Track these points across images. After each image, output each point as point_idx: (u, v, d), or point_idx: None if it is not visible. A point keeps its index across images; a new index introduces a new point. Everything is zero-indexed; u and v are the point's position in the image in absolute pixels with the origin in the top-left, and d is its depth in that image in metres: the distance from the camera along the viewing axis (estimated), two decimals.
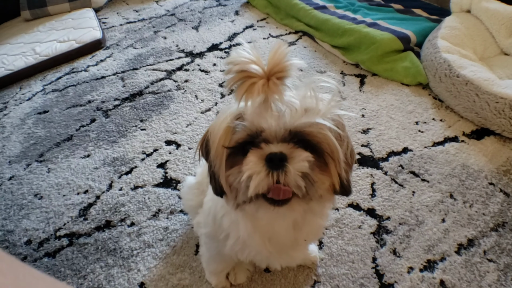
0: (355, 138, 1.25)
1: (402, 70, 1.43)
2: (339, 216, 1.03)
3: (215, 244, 0.74)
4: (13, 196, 1.24)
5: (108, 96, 1.60)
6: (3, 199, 1.24)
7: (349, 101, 1.39)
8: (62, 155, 1.36)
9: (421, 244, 0.96)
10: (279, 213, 0.53)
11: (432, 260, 0.93)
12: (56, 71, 1.84)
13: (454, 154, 1.16)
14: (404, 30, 1.52)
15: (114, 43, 1.95)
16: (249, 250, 0.66)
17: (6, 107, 1.67)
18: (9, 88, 1.80)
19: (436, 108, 1.32)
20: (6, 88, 1.80)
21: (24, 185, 1.27)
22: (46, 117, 1.55)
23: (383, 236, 0.98)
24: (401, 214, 1.03)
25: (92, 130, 1.44)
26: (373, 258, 0.95)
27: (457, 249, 0.95)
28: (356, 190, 1.09)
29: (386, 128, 1.26)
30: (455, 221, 1.00)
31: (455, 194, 1.06)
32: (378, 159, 1.17)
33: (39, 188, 1.25)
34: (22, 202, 1.22)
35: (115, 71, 1.74)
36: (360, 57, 1.50)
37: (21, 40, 2.09)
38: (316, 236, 0.77)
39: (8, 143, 1.46)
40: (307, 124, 0.49)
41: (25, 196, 1.24)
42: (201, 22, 2.02)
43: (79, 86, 1.69)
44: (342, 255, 0.95)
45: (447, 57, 1.33)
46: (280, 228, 0.62)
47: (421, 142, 1.21)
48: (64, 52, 1.89)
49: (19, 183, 1.28)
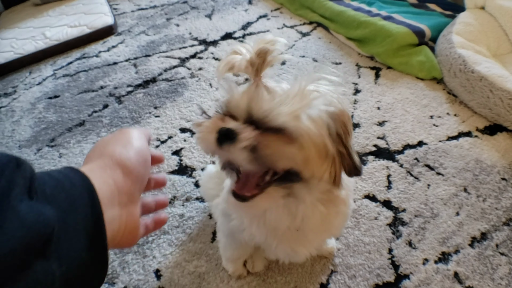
0: (371, 130, 1.25)
1: (417, 64, 1.42)
2: (356, 207, 1.04)
3: (228, 223, 0.73)
4: None
5: (121, 82, 1.59)
6: None
7: (364, 93, 1.39)
8: (74, 140, 1.36)
9: (436, 236, 0.97)
10: (247, 207, 0.53)
11: (446, 252, 0.94)
12: (66, 56, 1.83)
13: (468, 149, 1.17)
14: (419, 24, 1.52)
15: (125, 30, 1.93)
16: (250, 234, 0.66)
17: (16, 91, 1.66)
18: (18, 72, 1.78)
19: (450, 103, 1.32)
20: (15, 72, 1.79)
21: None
22: (57, 102, 1.55)
23: (399, 228, 0.99)
24: (416, 206, 1.03)
25: (105, 116, 1.44)
26: (389, 249, 0.95)
27: (470, 242, 0.96)
28: (372, 182, 1.10)
29: (401, 121, 1.27)
30: (468, 214, 1.01)
31: (469, 188, 1.07)
32: (394, 151, 1.18)
33: None
34: None
35: (127, 57, 1.73)
36: (375, 50, 1.49)
37: (30, 25, 2.06)
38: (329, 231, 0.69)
39: (18, 127, 1.45)
40: (272, 118, 0.48)
41: None
42: (214, 10, 2.00)
43: (90, 72, 1.68)
44: (359, 246, 0.96)
45: (462, 53, 1.32)
46: (271, 215, 0.61)
47: (435, 136, 1.21)
48: (75, 37, 1.88)
49: None
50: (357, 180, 1.11)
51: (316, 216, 0.60)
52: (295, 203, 0.57)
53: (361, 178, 1.11)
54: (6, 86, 1.70)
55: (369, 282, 0.89)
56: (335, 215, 0.63)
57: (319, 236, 0.69)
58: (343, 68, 1.49)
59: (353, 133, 0.55)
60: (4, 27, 2.11)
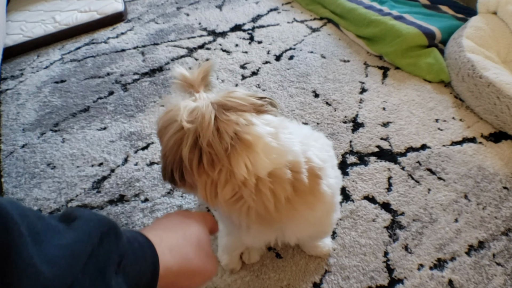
0: (375, 130, 1.23)
1: (425, 66, 1.39)
2: (354, 208, 1.02)
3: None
4: (25, 164, 1.23)
5: (128, 70, 1.58)
6: (15, 166, 1.23)
7: (371, 92, 1.36)
8: (78, 126, 1.35)
9: (432, 242, 0.96)
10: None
11: (442, 259, 0.93)
12: (75, 41, 1.81)
13: (471, 155, 1.14)
14: (430, 26, 1.48)
15: (135, 17, 1.91)
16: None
17: (23, 74, 1.65)
18: (26, 55, 1.77)
19: (456, 107, 1.30)
20: (23, 55, 1.78)
21: (37, 154, 1.26)
22: (63, 87, 1.54)
23: (396, 231, 0.98)
24: (415, 210, 1.02)
25: (110, 103, 1.43)
26: (385, 252, 0.94)
27: (467, 250, 0.94)
28: (372, 183, 1.08)
29: (406, 123, 1.24)
30: (467, 222, 0.99)
31: (469, 195, 1.05)
32: (396, 153, 1.16)
33: (52, 158, 1.24)
34: (34, 171, 1.20)
35: (135, 45, 1.71)
36: (384, 49, 1.46)
37: (40, 8, 2.05)
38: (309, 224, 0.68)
39: (22, 111, 1.45)
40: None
41: (37, 165, 1.23)
42: (225, 2, 1.97)
43: (98, 58, 1.67)
44: (355, 247, 0.95)
45: (471, 57, 1.29)
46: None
47: (439, 140, 1.19)
48: (85, 22, 1.86)
49: (32, 151, 1.27)
50: (357, 180, 1.09)
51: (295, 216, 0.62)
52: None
53: (361, 178, 1.09)
54: (13, 68, 1.69)
55: (362, 285, 0.88)
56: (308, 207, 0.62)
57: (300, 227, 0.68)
58: (351, 66, 1.47)
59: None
60: (15, 9, 2.09)
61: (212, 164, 0.56)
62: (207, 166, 0.56)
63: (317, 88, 1.39)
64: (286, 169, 0.57)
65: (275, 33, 1.68)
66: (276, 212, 0.59)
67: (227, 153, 0.55)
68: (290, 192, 0.58)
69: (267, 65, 1.52)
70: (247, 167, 0.55)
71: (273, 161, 0.56)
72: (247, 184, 0.56)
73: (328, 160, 0.68)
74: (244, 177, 0.55)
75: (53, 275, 0.29)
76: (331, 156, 0.74)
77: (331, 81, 1.41)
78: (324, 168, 0.63)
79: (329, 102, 1.34)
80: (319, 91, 1.38)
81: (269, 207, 0.58)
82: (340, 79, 1.42)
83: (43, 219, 0.32)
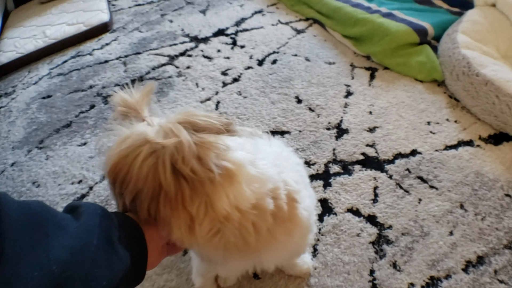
0: (360, 136, 1.13)
1: (416, 65, 1.29)
2: (337, 222, 0.94)
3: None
4: (13, 183, 1.20)
5: (109, 82, 1.52)
6: (5, 185, 1.20)
7: (357, 96, 1.26)
8: (61, 142, 1.30)
9: (424, 258, 0.86)
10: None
11: (435, 277, 0.83)
12: (62, 54, 1.77)
13: (468, 160, 1.04)
14: (421, 22, 1.38)
15: (120, 26, 1.86)
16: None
17: (15, 91, 1.62)
18: (19, 71, 1.75)
19: (451, 108, 1.19)
20: (16, 71, 1.75)
21: (24, 172, 1.23)
22: (49, 102, 1.49)
23: (383, 247, 0.88)
24: (404, 223, 0.92)
25: (91, 117, 1.37)
26: (371, 270, 0.85)
27: (464, 266, 0.84)
28: (357, 194, 0.99)
29: (394, 127, 1.14)
30: (464, 234, 0.89)
31: (466, 204, 0.95)
32: (383, 161, 1.06)
33: (37, 176, 1.20)
34: (21, 190, 1.17)
35: (118, 55, 1.66)
36: (372, 49, 1.36)
37: (34, 23, 2.02)
38: (284, 248, 0.62)
39: (13, 128, 1.42)
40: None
41: (24, 183, 1.19)
42: (209, 6, 1.90)
43: (82, 70, 1.62)
44: (338, 265, 0.86)
45: (467, 54, 1.19)
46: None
47: (432, 144, 1.09)
48: (72, 35, 1.82)
49: (20, 170, 1.24)
50: (340, 191, 1.00)
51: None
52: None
53: (344, 189, 1.01)
54: (7, 86, 1.67)
55: None
56: (286, 234, 0.57)
57: (278, 253, 0.62)
58: (336, 68, 1.37)
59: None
60: (12, 26, 2.08)
61: (191, 196, 0.48)
62: (188, 199, 0.47)
63: (300, 93, 1.30)
64: (268, 198, 0.51)
65: (259, 36, 1.59)
66: (256, 243, 0.53)
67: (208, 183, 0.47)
68: (270, 222, 0.53)
69: (249, 70, 1.43)
70: (229, 200, 0.48)
71: (255, 192, 0.50)
72: (230, 219, 0.49)
73: (301, 181, 0.63)
74: (226, 211, 0.48)
75: (79, 241, 0.39)
76: (302, 176, 0.68)
77: (315, 85, 1.32)
78: (300, 191, 0.58)
79: (312, 108, 1.25)
80: (302, 96, 1.29)
81: (250, 240, 0.52)
82: (324, 82, 1.33)
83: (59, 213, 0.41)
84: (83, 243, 0.39)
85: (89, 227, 0.41)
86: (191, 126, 0.48)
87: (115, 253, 0.43)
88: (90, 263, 0.38)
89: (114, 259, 0.42)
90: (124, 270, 0.44)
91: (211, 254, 0.56)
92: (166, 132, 0.47)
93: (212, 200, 0.47)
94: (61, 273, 0.35)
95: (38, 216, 0.37)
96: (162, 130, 0.47)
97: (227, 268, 0.64)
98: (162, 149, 0.45)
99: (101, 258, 0.40)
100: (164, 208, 0.47)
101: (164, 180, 0.46)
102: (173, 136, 0.46)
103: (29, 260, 0.33)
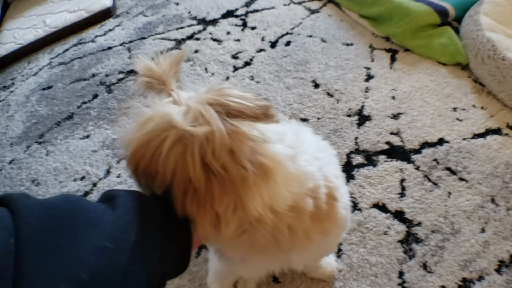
0: (384, 124, 1.04)
1: (438, 47, 1.19)
2: (362, 219, 0.86)
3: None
4: (12, 182, 1.13)
5: (113, 69, 1.42)
6: (3, 185, 1.14)
7: (378, 79, 1.16)
8: (62, 136, 1.23)
9: (456, 258, 0.79)
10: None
11: (468, 279, 0.76)
12: (64, 43, 1.67)
13: (497, 150, 0.96)
14: (441, 2, 1.27)
15: (124, 11, 1.74)
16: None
17: (13, 83, 1.53)
18: (18, 63, 1.65)
19: (476, 93, 1.10)
20: (15, 63, 1.66)
21: (23, 170, 1.16)
22: (50, 93, 1.41)
23: (413, 246, 0.81)
24: (434, 219, 0.85)
25: (94, 108, 1.29)
26: (400, 272, 0.78)
27: (497, 266, 0.78)
28: (382, 188, 0.91)
29: (419, 114, 1.05)
30: (496, 231, 0.82)
31: (497, 198, 0.87)
32: (409, 150, 0.98)
33: (37, 174, 1.13)
34: (20, 189, 1.10)
35: (122, 41, 1.55)
36: (391, 30, 1.26)
37: (34, 13, 1.92)
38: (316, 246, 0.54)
39: (11, 123, 1.34)
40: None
41: (23, 182, 1.12)
42: None
43: (85, 58, 1.52)
44: (364, 267, 0.79)
45: (491, 37, 1.09)
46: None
47: (459, 132, 1.00)
48: (73, 23, 1.72)
49: (19, 167, 1.17)
50: (364, 185, 0.92)
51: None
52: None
53: (369, 182, 0.93)
54: (5, 78, 1.59)
55: None
56: (322, 234, 0.51)
57: (310, 254, 0.54)
58: (355, 50, 1.27)
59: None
60: (11, 17, 1.98)
61: (220, 195, 0.41)
62: (217, 198, 0.40)
63: (317, 77, 1.20)
64: (308, 198, 0.45)
65: (270, 17, 1.48)
66: (288, 245, 0.47)
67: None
68: (308, 223, 0.46)
69: (262, 53, 1.33)
70: (262, 201, 0.41)
71: (293, 192, 0.43)
72: (262, 221, 0.42)
73: (340, 175, 0.56)
74: (258, 212, 0.41)
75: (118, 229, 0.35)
76: (339, 169, 0.59)
77: (333, 68, 1.22)
78: (339, 187, 0.52)
79: (331, 92, 1.15)
80: (320, 80, 1.19)
81: (282, 242, 0.46)
82: (342, 65, 1.22)
83: (91, 206, 0.37)
84: (119, 242, 0.34)
85: (126, 222, 0.36)
86: (223, 109, 0.40)
87: (157, 248, 0.38)
88: (127, 262, 0.34)
89: (155, 255, 0.38)
90: (168, 263, 0.40)
91: (235, 252, 0.50)
92: (195, 116, 0.39)
93: (243, 200, 0.40)
94: (92, 281, 0.31)
95: (65, 216, 0.33)
96: (191, 113, 0.39)
97: (251, 269, 0.57)
98: (191, 137, 0.38)
99: (141, 255, 0.36)
100: (191, 205, 0.41)
101: (193, 174, 0.39)
102: (204, 123, 0.38)
103: (53, 275, 0.29)
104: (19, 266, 0.28)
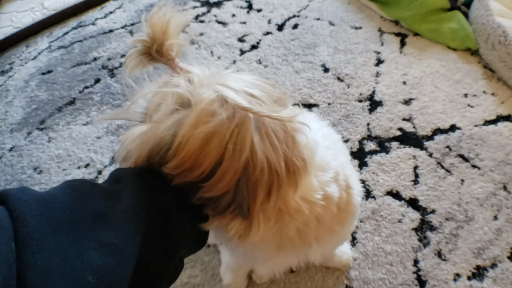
0: (396, 109, 1.00)
1: (448, 31, 1.15)
2: (376, 207, 0.83)
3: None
4: (12, 170, 1.07)
5: (115, 52, 1.36)
6: (3, 173, 1.07)
7: (388, 64, 1.12)
8: (64, 122, 1.17)
9: (470, 246, 0.77)
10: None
11: (482, 266, 0.75)
12: (63, 26, 1.58)
13: (508, 137, 0.93)
14: None
15: None
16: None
17: (12, 68, 1.45)
18: (16, 47, 1.55)
19: (487, 79, 1.06)
20: (13, 47, 1.56)
21: (24, 157, 1.10)
22: (50, 78, 1.34)
23: (427, 234, 0.79)
24: (448, 207, 0.82)
25: (96, 92, 1.23)
26: (415, 260, 0.76)
27: (510, 254, 0.76)
28: (396, 175, 0.88)
29: (431, 100, 1.01)
30: (508, 219, 0.80)
31: (509, 186, 0.85)
32: (422, 137, 0.94)
33: (38, 161, 1.08)
34: (21, 177, 1.05)
35: (124, 23, 1.48)
36: (400, 14, 1.20)
37: None
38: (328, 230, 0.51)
39: (11, 109, 1.27)
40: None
41: (24, 170, 1.06)
42: None
43: (85, 42, 1.45)
44: (379, 255, 0.77)
45: (502, 22, 1.06)
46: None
47: (471, 119, 0.97)
48: (72, 5, 1.62)
49: (19, 155, 1.11)
50: (377, 172, 0.89)
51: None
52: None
53: (382, 169, 0.89)
54: (3, 63, 1.49)
55: None
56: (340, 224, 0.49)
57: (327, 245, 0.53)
58: (364, 33, 1.21)
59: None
60: (8, 0, 1.88)
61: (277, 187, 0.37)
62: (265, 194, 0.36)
63: (327, 61, 1.15)
64: (334, 186, 0.44)
65: None
66: (314, 237, 0.46)
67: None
68: (335, 212, 0.45)
69: (269, 36, 1.27)
70: (301, 190, 0.39)
71: (320, 181, 0.42)
72: (300, 212, 0.40)
73: (349, 162, 0.54)
74: (297, 203, 0.39)
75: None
76: (347, 155, 0.57)
77: (342, 52, 1.17)
78: (351, 174, 0.50)
79: (341, 77, 1.10)
80: (329, 64, 1.14)
81: (309, 234, 0.44)
82: (352, 49, 1.17)
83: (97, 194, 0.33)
84: (128, 234, 0.31)
85: (136, 210, 0.32)
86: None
87: (173, 232, 0.35)
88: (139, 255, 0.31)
89: (171, 241, 0.34)
90: (185, 243, 0.37)
91: (262, 250, 0.46)
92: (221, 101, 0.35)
93: (285, 192, 0.37)
94: (99, 282, 0.28)
95: (67, 210, 0.29)
96: (246, 99, 0.35)
97: (272, 266, 0.55)
98: (263, 125, 0.34)
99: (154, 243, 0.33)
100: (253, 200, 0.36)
101: (277, 163, 0.34)
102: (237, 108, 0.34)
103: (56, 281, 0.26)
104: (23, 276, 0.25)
